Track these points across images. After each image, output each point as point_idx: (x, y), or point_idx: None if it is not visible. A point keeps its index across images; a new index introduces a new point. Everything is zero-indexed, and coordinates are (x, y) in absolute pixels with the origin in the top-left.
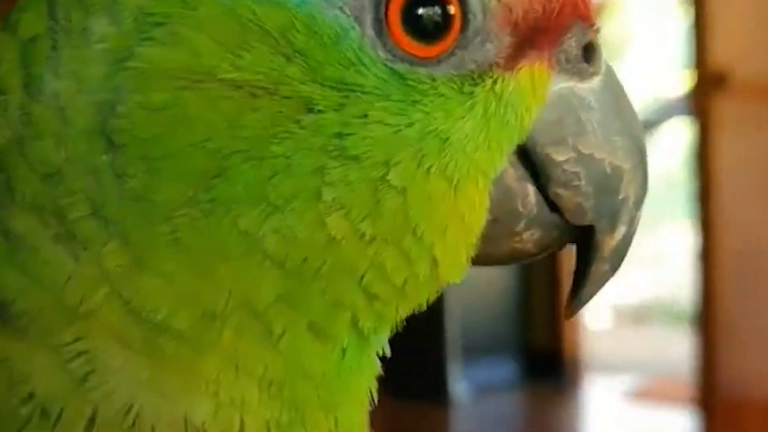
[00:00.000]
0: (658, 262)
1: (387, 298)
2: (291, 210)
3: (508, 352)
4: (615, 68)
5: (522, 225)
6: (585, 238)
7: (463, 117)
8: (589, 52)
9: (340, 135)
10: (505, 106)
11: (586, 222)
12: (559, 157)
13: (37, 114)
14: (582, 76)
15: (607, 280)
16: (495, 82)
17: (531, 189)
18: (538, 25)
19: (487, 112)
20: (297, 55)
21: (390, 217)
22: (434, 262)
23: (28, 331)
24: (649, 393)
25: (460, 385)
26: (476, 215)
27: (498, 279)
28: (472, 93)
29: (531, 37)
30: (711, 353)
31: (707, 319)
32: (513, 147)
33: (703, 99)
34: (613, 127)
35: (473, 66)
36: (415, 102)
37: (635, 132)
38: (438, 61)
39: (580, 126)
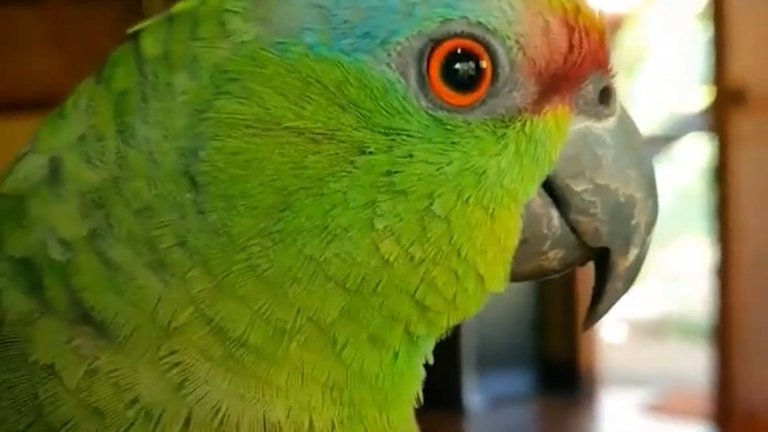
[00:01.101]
0: (674, 276)
1: (439, 309)
2: (349, 238)
3: (524, 364)
4: (628, 110)
5: (548, 245)
6: (601, 259)
7: (497, 154)
8: (606, 95)
9: (389, 173)
10: (534, 144)
11: (602, 244)
12: (578, 188)
13: (131, 157)
14: (598, 117)
15: (621, 296)
16: (524, 124)
17: (555, 214)
18: (559, 74)
19: (519, 150)
20: (351, 105)
21: (436, 241)
22: (479, 277)
23: (127, 346)
24: (664, 406)
25: (475, 396)
26: (511, 237)
27: (514, 291)
28: (504, 134)
29: (554, 85)
30: (727, 367)
31: (723, 333)
32: (542, 179)
33: (721, 114)
34: (626, 161)
35: (503, 111)
36: (454, 143)
37: (646, 165)
38: (472, 108)
39: (596, 160)
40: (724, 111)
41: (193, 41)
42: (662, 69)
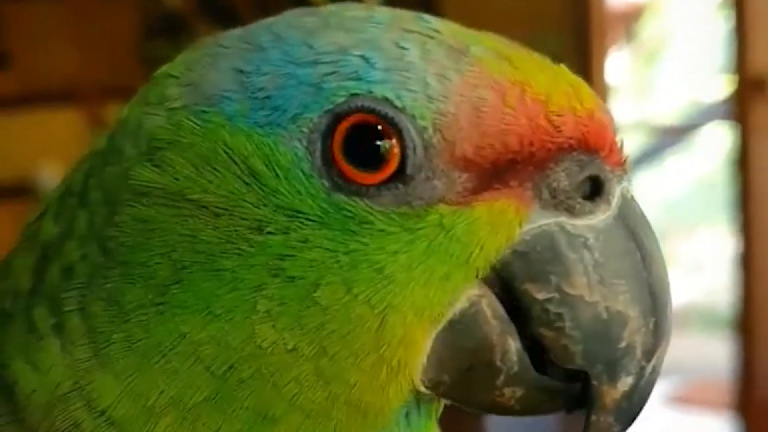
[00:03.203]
0: (696, 266)
1: (316, 414)
2: (228, 320)
3: None
4: (634, 206)
5: (501, 380)
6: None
7: (398, 251)
8: (596, 187)
9: (282, 256)
10: (454, 242)
11: (575, 367)
12: (539, 296)
13: (79, 216)
14: (575, 212)
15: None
16: (442, 217)
17: (513, 345)
18: (506, 160)
19: (431, 248)
20: (255, 180)
21: (310, 333)
22: (351, 387)
23: (27, 416)
24: (688, 397)
25: None
26: (404, 351)
27: None
28: (414, 228)
29: (498, 172)
30: (750, 358)
31: (746, 323)
32: (463, 286)
33: (743, 104)
34: (616, 269)
35: (419, 201)
36: (353, 232)
37: (653, 276)
38: (378, 190)
39: (565, 265)
40: (745, 100)
41: (143, 106)
42: (683, 58)
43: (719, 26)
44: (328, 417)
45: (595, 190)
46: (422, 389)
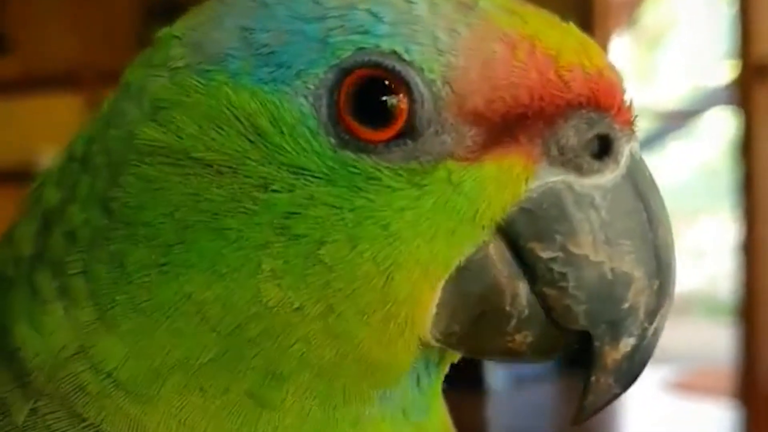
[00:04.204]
0: (699, 253)
1: (326, 373)
2: (233, 279)
3: None
4: (643, 166)
5: (512, 326)
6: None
7: (404, 207)
8: (605, 145)
9: (287, 214)
10: (462, 198)
11: (578, 327)
12: (544, 254)
13: (81, 181)
14: (583, 170)
15: (613, 394)
16: (450, 173)
17: (522, 288)
18: (516, 115)
19: (438, 204)
20: (260, 138)
21: (316, 291)
22: (359, 344)
23: (29, 377)
24: (689, 385)
25: (496, 375)
26: (411, 307)
27: None
28: (422, 184)
29: (506, 127)
30: (752, 345)
31: (748, 311)
32: (470, 242)
33: (746, 89)
34: (623, 229)
35: (428, 157)
36: (359, 188)
37: (659, 238)
38: (387, 147)
39: (571, 224)
40: (748, 85)
41: (146, 68)
42: (686, 43)
43: (723, 11)
44: (337, 375)
45: (603, 148)
46: (433, 342)
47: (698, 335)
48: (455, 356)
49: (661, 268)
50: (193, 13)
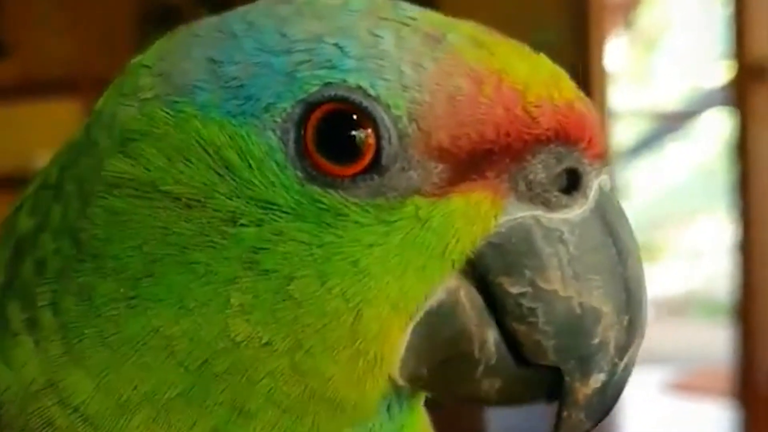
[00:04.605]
0: (696, 254)
1: (294, 410)
2: (201, 314)
3: None
4: (611, 199)
5: (480, 372)
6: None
7: (373, 244)
8: (573, 179)
9: (255, 249)
10: (431, 233)
11: (548, 362)
12: (513, 289)
13: (52, 209)
14: (551, 205)
15: (584, 429)
16: (418, 209)
17: (491, 336)
18: (478, 151)
19: (405, 240)
20: (228, 171)
21: (285, 327)
22: (328, 381)
23: (1, 409)
24: (687, 385)
25: None
26: (380, 345)
27: None
28: (390, 220)
29: (473, 163)
30: (749, 345)
31: (746, 311)
32: (439, 278)
33: (742, 90)
34: (592, 264)
35: (394, 193)
36: (327, 224)
37: (628, 272)
38: (354, 182)
39: (540, 259)
40: (744, 87)
41: (117, 97)
42: (682, 44)
43: (718, 13)
44: (305, 411)
45: (572, 183)
46: (401, 383)
47: (696, 336)
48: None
49: (631, 303)
50: (163, 41)
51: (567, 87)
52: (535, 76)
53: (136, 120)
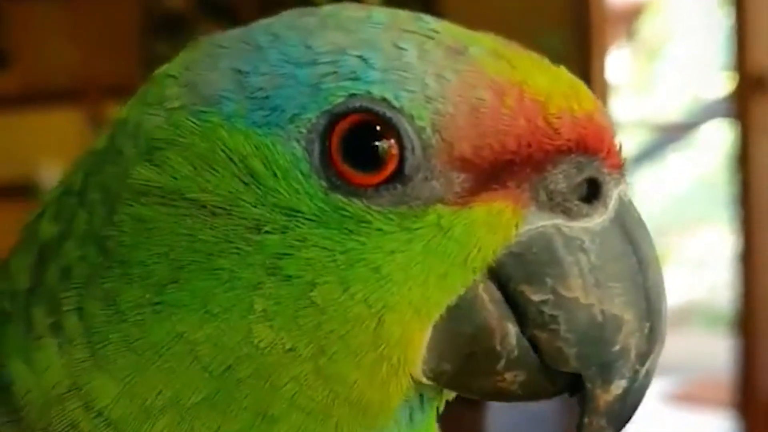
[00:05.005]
0: (697, 264)
1: (318, 414)
2: (225, 319)
3: None
4: (632, 209)
5: (502, 365)
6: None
7: (395, 251)
8: (593, 189)
9: (280, 255)
10: (453, 242)
11: (569, 369)
12: (535, 297)
13: (78, 216)
14: (572, 214)
15: None
16: (440, 218)
17: (512, 329)
18: (504, 161)
19: (428, 248)
20: (253, 180)
21: (308, 333)
22: (351, 385)
23: (24, 417)
24: (688, 395)
25: None
26: (402, 348)
27: None
28: (412, 228)
29: (495, 173)
30: (751, 356)
31: (747, 321)
32: (462, 284)
33: (744, 101)
34: (612, 272)
35: (417, 201)
36: (350, 231)
37: (648, 281)
38: (377, 191)
39: (561, 267)
40: (746, 97)
41: (142, 106)
42: (684, 55)
43: (720, 24)
44: (329, 415)
45: (592, 192)
46: (424, 380)
47: (697, 346)
48: (451, 393)
49: (651, 310)
50: (189, 52)
51: (586, 98)
52: (556, 88)
53: (163, 129)
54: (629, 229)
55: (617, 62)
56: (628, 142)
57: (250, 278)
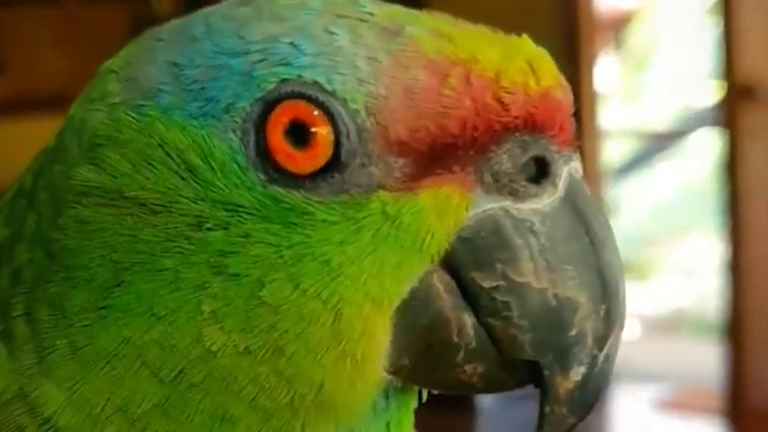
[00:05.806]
0: (686, 272)
1: (281, 414)
2: (172, 322)
3: None
4: (580, 187)
5: (461, 357)
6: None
7: (344, 242)
8: (542, 168)
9: (223, 253)
10: (401, 230)
11: (526, 357)
12: (485, 284)
13: (28, 218)
14: (519, 195)
15: (569, 424)
16: (385, 205)
17: (468, 320)
18: (439, 143)
19: (377, 237)
20: (191, 175)
21: (262, 333)
22: (316, 385)
23: None
24: (678, 403)
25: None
26: (365, 342)
27: None
28: (357, 217)
29: (437, 156)
30: (740, 364)
31: (736, 329)
32: (418, 273)
33: (732, 109)
34: (565, 254)
35: (357, 189)
36: (294, 224)
37: (603, 261)
38: (314, 181)
39: (511, 251)
40: (734, 106)
41: (87, 103)
42: (672, 64)
43: (708, 32)
44: (294, 415)
45: (540, 171)
46: (384, 375)
47: (686, 354)
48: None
49: (607, 292)
50: (131, 47)
51: (544, 71)
52: (510, 63)
53: (104, 125)
54: (581, 209)
55: (605, 71)
56: (616, 151)
57: (195, 278)
